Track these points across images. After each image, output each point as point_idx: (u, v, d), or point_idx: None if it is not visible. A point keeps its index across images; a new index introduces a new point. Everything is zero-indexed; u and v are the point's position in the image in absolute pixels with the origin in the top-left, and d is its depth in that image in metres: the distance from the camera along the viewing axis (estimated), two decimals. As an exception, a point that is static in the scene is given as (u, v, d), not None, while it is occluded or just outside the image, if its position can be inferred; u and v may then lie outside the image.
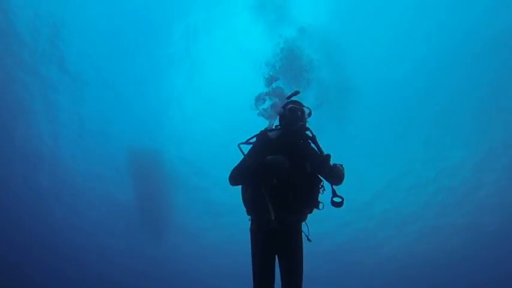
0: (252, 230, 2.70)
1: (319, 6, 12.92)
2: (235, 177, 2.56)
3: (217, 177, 14.13)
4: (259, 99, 3.01)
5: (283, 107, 2.81)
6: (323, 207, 2.63)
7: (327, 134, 14.44)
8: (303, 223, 2.73)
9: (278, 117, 2.85)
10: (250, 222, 2.74)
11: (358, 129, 15.08)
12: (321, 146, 2.64)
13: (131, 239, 16.67)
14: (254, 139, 2.79)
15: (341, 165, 2.58)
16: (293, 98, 2.86)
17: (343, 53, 12.94)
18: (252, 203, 2.61)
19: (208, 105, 15.82)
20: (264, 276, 2.54)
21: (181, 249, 17.29)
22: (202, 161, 15.89)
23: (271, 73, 3.11)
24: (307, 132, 2.68)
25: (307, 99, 2.91)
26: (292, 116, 2.69)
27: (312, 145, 2.69)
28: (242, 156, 2.65)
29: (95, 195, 15.85)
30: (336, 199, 2.57)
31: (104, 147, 15.23)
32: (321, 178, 2.65)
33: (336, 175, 2.51)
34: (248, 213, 2.75)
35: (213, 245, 16.99)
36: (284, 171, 2.38)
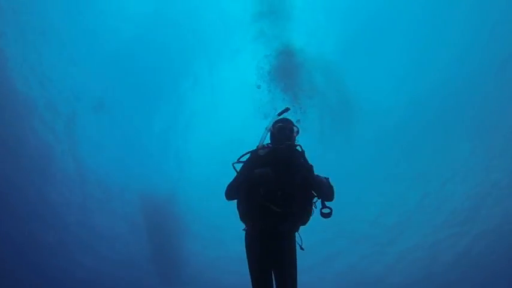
0: (247, 236, 2.88)
1: (321, 31, 13.54)
2: (229, 191, 2.77)
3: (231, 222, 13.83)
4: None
5: (273, 125, 2.98)
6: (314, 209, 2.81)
7: (333, 148, 14.65)
8: (296, 233, 2.89)
9: (269, 134, 3.03)
10: (245, 232, 2.91)
11: (363, 144, 15.45)
12: (308, 160, 2.86)
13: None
14: (245, 157, 2.99)
15: (326, 178, 2.79)
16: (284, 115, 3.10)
17: (346, 74, 13.68)
18: (247, 212, 2.81)
19: (217, 148, 16.00)
20: (262, 280, 2.70)
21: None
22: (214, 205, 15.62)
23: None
24: (298, 148, 2.90)
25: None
26: (279, 136, 2.87)
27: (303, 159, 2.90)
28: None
29: (107, 243, 15.79)
30: (325, 210, 2.72)
31: (116, 195, 15.32)
32: (314, 194, 2.82)
33: (318, 185, 2.71)
34: (244, 223, 2.92)
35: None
36: (269, 182, 2.59)
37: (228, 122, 15.83)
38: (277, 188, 2.65)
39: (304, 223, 2.85)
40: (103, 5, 13.21)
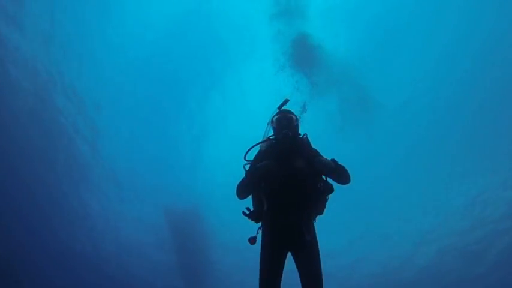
0: (262, 234, 2.74)
1: (342, 29, 13.80)
2: (238, 190, 2.72)
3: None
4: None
5: (272, 118, 2.95)
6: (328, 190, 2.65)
7: (353, 140, 14.60)
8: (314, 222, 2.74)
9: (272, 128, 2.98)
10: (261, 230, 2.77)
11: (382, 137, 15.36)
12: (312, 145, 2.84)
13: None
14: (250, 153, 2.91)
15: (333, 160, 2.67)
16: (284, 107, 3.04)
17: (366, 71, 13.79)
18: (255, 208, 2.72)
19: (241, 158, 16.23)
20: (269, 276, 2.56)
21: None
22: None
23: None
24: (302, 136, 2.86)
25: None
26: (277, 126, 2.84)
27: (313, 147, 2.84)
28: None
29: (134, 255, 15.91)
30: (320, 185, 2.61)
31: (141, 207, 15.50)
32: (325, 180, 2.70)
33: (322, 168, 2.58)
34: (258, 219, 2.73)
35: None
36: (271, 173, 2.55)
37: (253, 131, 15.92)
38: (279, 180, 2.57)
39: (319, 212, 2.72)
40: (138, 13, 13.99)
